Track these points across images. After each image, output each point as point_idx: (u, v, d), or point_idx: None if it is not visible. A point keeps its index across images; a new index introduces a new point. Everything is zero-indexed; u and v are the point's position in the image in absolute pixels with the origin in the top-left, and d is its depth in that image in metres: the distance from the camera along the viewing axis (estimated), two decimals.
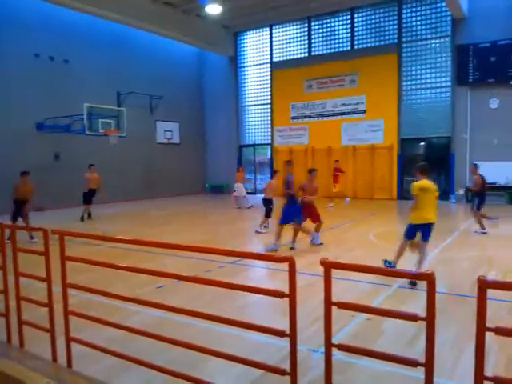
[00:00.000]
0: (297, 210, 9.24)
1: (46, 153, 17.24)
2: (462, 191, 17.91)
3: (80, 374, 3.59)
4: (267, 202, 11.83)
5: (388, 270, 2.41)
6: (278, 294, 2.62)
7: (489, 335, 2.05)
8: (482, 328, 2.01)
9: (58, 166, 17.60)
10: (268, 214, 11.71)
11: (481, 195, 11.26)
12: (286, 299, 2.60)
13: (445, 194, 18.68)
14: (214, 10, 18.96)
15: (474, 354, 2.08)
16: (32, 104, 16.71)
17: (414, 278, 2.25)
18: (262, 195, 12.67)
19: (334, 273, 2.47)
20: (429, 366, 2.17)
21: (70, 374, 3.61)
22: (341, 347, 2.52)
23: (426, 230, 6.81)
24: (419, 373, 2.39)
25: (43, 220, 12.59)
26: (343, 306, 2.46)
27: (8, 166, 14.66)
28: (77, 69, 18.21)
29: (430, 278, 2.12)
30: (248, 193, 18.98)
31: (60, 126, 16.84)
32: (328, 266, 2.44)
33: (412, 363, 2.23)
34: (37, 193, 16.33)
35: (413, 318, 2.21)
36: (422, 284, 5.65)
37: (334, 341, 2.57)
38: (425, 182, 6.86)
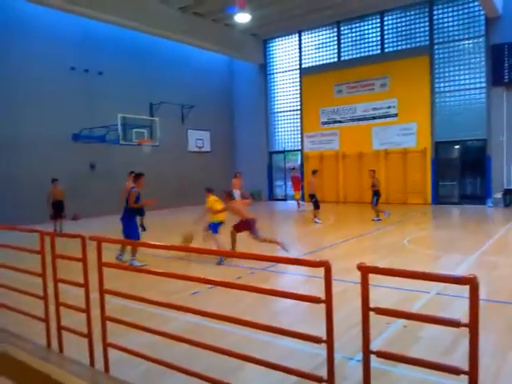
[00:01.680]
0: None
1: (83, 163, 17.73)
2: (499, 195, 17.35)
3: (117, 378, 3.64)
4: (311, 197, 14.57)
5: (427, 275, 2.34)
6: (314, 300, 2.59)
7: None
8: None
9: (94, 175, 18.06)
10: (317, 206, 14.39)
11: (377, 193, 14.85)
12: (322, 305, 2.56)
13: (481, 198, 18.16)
14: (242, 18, 19.11)
15: None
16: (68, 115, 17.24)
17: (455, 283, 2.17)
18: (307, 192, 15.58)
19: (369, 279, 2.43)
20: (473, 374, 2.08)
21: (107, 379, 3.66)
22: (380, 354, 2.46)
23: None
24: (459, 381, 2.31)
25: (79, 228, 12.89)
26: (381, 311, 2.40)
27: (46, 176, 15.12)
28: (110, 80, 18.70)
29: (472, 283, 2.04)
30: (278, 199, 18.91)
31: (95, 136, 17.29)
32: (365, 271, 2.39)
33: (455, 371, 2.15)
34: (73, 201, 16.86)
35: (455, 324, 2.14)
36: (459, 291, 5.50)
37: (371, 348, 2.51)
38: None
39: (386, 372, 3.80)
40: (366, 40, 20.92)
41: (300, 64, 23.02)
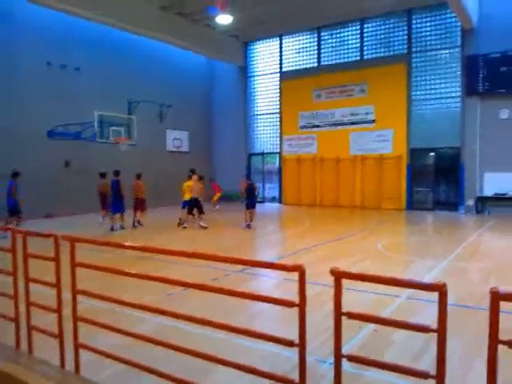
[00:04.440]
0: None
1: (57, 160, 17.39)
2: (471, 202, 17.79)
3: (87, 380, 3.59)
4: (196, 201, 14.58)
5: (397, 281, 2.39)
6: (288, 304, 2.61)
7: (501, 348, 2.02)
8: (494, 341, 1.98)
9: (69, 172, 17.74)
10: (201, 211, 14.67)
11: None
12: (295, 309, 2.59)
13: (454, 204, 18.57)
14: (224, 20, 19.14)
15: (484, 368, 2.05)
16: (43, 111, 16.90)
17: (425, 289, 2.22)
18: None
19: (342, 283, 2.47)
20: (440, 378, 2.14)
21: (78, 380, 3.60)
22: (351, 358, 2.49)
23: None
24: None
25: (52, 226, 12.66)
26: (353, 316, 2.44)
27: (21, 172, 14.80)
28: (88, 77, 18.42)
29: (441, 289, 2.10)
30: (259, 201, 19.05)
31: (71, 133, 17.01)
32: (338, 276, 2.43)
33: (423, 375, 2.21)
34: (47, 199, 16.53)
35: (424, 329, 2.19)
36: (430, 296, 5.61)
37: (342, 352, 2.55)
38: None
39: (358, 376, 3.86)
40: (346, 46, 21.17)
41: (280, 67, 23.15)
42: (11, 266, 4.24)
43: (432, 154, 19.34)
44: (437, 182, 19.30)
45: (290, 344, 2.62)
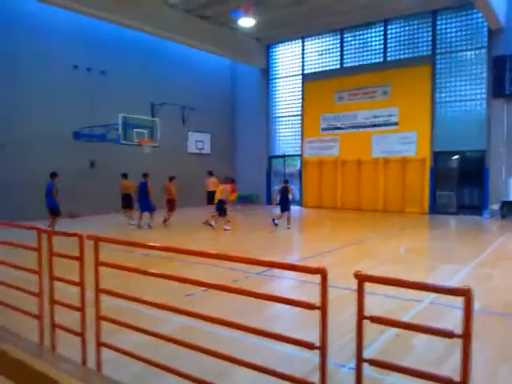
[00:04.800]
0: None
1: (82, 161, 17.72)
2: (496, 206, 17.40)
3: (109, 378, 3.63)
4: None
5: (422, 285, 2.35)
6: (309, 306, 2.59)
7: None
8: None
9: (94, 173, 18.05)
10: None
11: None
12: (316, 311, 2.57)
13: (478, 208, 18.20)
14: (247, 23, 19.20)
15: (510, 376, 2.00)
16: (70, 113, 17.27)
17: (450, 294, 2.18)
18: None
19: (364, 286, 2.44)
20: None
21: (99, 378, 3.65)
22: (372, 362, 2.46)
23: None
24: None
25: (77, 226, 12.89)
26: (376, 320, 2.41)
27: (46, 172, 15.12)
28: (113, 80, 18.74)
29: (467, 294, 2.05)
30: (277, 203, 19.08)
31: (96, 135, 17.30)
32: (362, 279, 2.40)
33: (447, 381, 2.16)
34: (71, 199, 16.84)
35: (449, 334, 2.15)
36: (453, 301, 5.49)
37: (364, 356, 2.52)
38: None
39: (378, 380, 3.81)
40: (369, 48, 20.99)
41: (302, 70, 23.08)
42: (37, 264, 4.34)
43: (456, 156, 19.00)
44: (461, 185, 18.94)
45: (310, 346, 2.60)
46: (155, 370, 3.54)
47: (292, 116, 23.65)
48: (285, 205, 14.50)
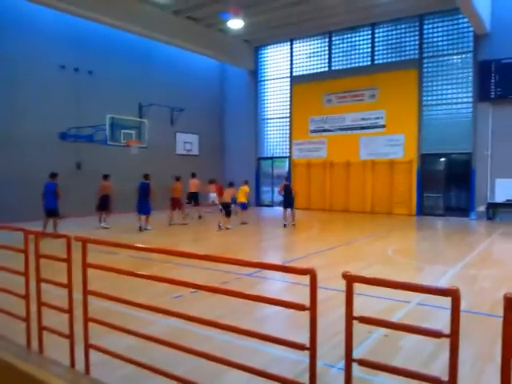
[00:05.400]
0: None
1: (69, 162, 17.55)
2: (482, 208, 17.62)
3: (97, 380, 3.61)
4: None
5: (411, 285, 2.38)
6: (299, 307, 2.61)
7: None
8: (509, 347, 1.96)
9: (80, 174, 17.88)
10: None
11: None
12: (306, 312, 2.58)
13: (465, 210, 18.41)
14: (235, 24, 19.21)
15: (496, 375, 2.03)
16: (56, 114, 17.10)
17: (438, 294, 2.20)
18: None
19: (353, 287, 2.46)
20: (452, 383, 2.12)
21: (88, 381, 3.62)
22: (362, 362, 2.48)
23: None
24: None
25: (64, 227, 12.76)
26: (365, 320, 2.43)
27: (32, 173, 14.99)
28: (100, 80, 18.60)
29: (454, 294, 2.08)
30: (265, 205, 19.13)
31: (83, 135, 17.16)
32: (350, 280, 2.42)
33: (435, 381, 2.19)
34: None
35: (437, 334, 2.17)
36: (440, 302, 5.55)
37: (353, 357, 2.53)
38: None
39: (367, 381, 3.83)
40: (357, 51, 21.15)
41: (291, 72, 23.17)
42: (23, 266, 4.29)
43: (443, 159, 19.21)
44: (447, 187, 19.15)
45: (300, 347, 2.61)
46: (145, 373, 3.52)
47: (280, 118, 23.72)
48: (288, 201, 14.90)
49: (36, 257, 4.18)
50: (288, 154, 23.35)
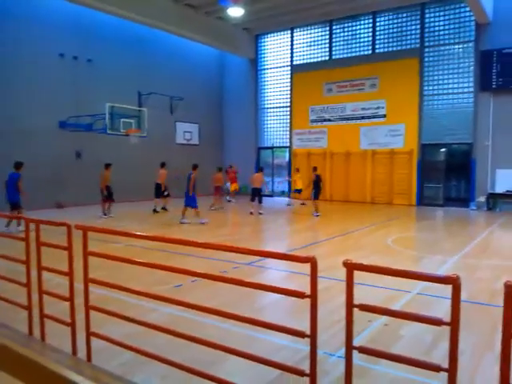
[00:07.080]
0: None
1: (68, 151, 17.52)
2: (482, 198, 17.63)
3: (99, 367, 3.63)
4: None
5: (411, 273, 2.38)
6: (299, 295, 2.62)
7: None
8: (508, 335, 1.97)
9: (80, 163, 17.87)
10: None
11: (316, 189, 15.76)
12: (305, 302, 2.59)
13: (465, 200, 18.43)
14: (235, 12, 19.05)
15: (494, 362, 2.04)
16: (56, 102, 17.02)
17: (439, 282, 2.21)
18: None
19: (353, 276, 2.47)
20: (452, 370, 2.13)
21: (90, 368, 3.65)
22: (362, 350, 2.50)
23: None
24: (438, 381, 2.36)
25: (63, 216, 12.77)
26: (365, 308, 2.44)
27: (32, 162, 14.92)
28: (99, 69, 18.49)
29: (455, 283, 2.09)
30: (264, 195, 19.28)
31: (82, 124, 17.11)
32: (351, 268, 2.43)
33: (435, 368, 2.20)
34: (57, 189, 16.67)
35: (437, 322, 2.18)
36: (440, 292, 5.55)
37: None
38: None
39: (367, 369, 3.86)
40: (358, 40, 21.00)
41: (291, 61, 23.03)
42: (24, 254, 4.30)
43: (443, 149, 19.17)
44: (448, 177, 19.14)
45: (301, 335, 2.62)
46: (145, 360, 3.55)
47: (281, 107, 23.62)
48: (317, 192, 15.55)
49: (37, 245, 4.19)
50: (288, 144, 23.30)
